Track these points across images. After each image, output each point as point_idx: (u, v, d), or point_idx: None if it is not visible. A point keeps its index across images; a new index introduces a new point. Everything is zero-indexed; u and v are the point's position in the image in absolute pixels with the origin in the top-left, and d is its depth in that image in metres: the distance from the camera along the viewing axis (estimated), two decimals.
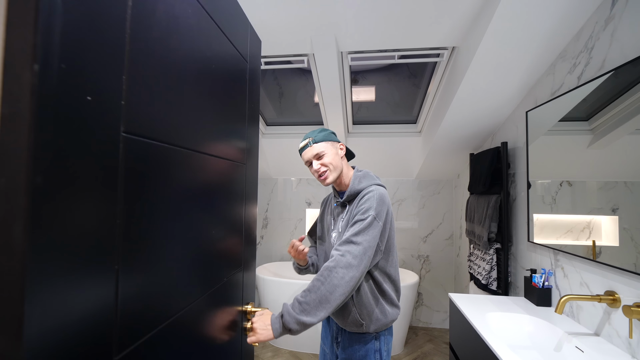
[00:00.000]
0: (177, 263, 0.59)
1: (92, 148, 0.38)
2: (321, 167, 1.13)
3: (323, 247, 1.25)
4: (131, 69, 0.45)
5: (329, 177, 1.13)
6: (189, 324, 0.64)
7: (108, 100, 0.41)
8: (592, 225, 1.25)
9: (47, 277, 0.33)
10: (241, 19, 0.90)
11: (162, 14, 0.52)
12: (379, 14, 1.51)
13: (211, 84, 0.71)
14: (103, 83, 0.40)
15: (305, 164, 1.18)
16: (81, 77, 0.36)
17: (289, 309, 0.94)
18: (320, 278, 0.95)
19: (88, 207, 0.38)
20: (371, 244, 1.01)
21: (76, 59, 0.36)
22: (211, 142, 0.71)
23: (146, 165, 0.49)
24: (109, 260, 0.41)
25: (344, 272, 0.95)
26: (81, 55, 0.36)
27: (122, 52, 0.43)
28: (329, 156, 1.13)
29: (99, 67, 0.39)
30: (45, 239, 0.32)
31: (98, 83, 0.39)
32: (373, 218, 1.03)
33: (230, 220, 0.83)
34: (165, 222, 0.54)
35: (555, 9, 1.27)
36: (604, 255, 1.18)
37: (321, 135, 1.15)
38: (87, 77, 0.37)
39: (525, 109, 1.77)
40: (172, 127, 0.56)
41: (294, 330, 0.92)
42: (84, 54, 0.37)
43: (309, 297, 0.93)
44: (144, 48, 0.48)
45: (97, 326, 0.40)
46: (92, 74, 0.38)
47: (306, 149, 1.15)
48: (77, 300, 0.36)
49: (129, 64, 0.44)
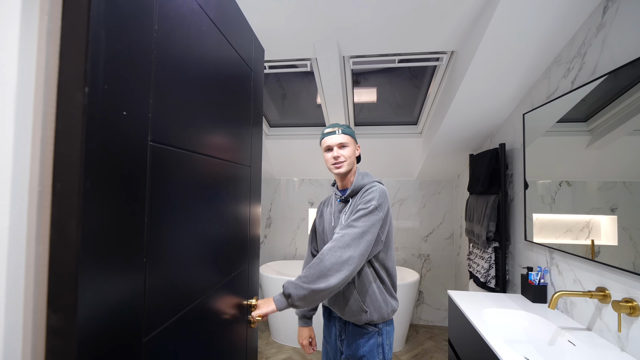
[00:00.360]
0: (192, 258, 0.65)
1: (128, 156, 0.44)
2: (341, 155, 1.18)
3: (321, 245, 1.30)
4: (156, 86, 0.51)
5: (343, 167, 1.19)
6: (203, 313, 0.70)
7: (139, 114, 0.47)
8: (592, 224, 1.27)
9: (94, 267, 0.39)
10: (247, 30, 0.96)
11: (180, 35, 0.58)
12: (380, 20, 1.56)
13: (220, 93, 0.77)
14: (135, 99, 0.46)
15: (325, 149, 1.22)
16: (119, 96, 0.43)
17: (289, 280, 1.02)
18: (320, 256, 1.02)
19: (124, 206, 0.44)
20: (371, 229, 1.06)
21: (115, 80, 0.42)
22: (220, 146, 0.77)
23: (167, 169, 0.55)
24: (140, 253, 0.47)
25: (342, 251, 1.00)
26: (118, 77, 0.42)
27: (149, 72, 0.49)
28: (349, 150, 1.20)
29: (132, 86, 0.45)
30: (93, 234, 0.38)
31: (131, 100, 0.45)
32: (375, 207, 1.09)
33: (237, 220, 0.89)
34: (182, 220, 0.61)
35: (550, 15, 1.32)
36: (603, 254, 1.20)
37: (348, 130, 1.23)
38: (123, 95, 0.43)
39: (522, 111, 1.81)
40: (188, 134, 0.62)
41: (294, 296, 0.97)
42: (120, 76, 0.43)
43: (309, 272, 0.99)
44: (165, 67, 0.54)
45: (130, 310, 0.46)
46: (126, 92, 0.44)
47: (332, 135, 1.20)
48: (115, 286, 0.43)
49: (154, 82, 0.50)
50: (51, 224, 0.37)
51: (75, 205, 0.37)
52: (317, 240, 1.37)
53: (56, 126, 0.38)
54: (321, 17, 1.56)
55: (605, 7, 1.21)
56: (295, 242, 3.38)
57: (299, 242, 3.38)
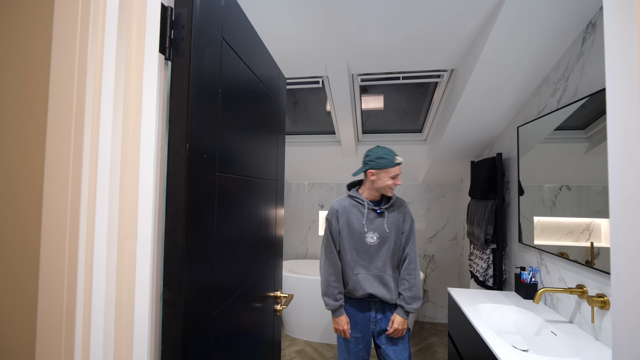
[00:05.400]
0: (242, 256, 0.85)
1: (207, 185, 0.64)
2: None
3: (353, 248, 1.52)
4: (220, 136, 0.71)
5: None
6: (247, 298, 0.90)
7: (211, 155, 0.67)
8: (592, 227, 1.35)
9: (192, 262, 0.59)
10: (277, 72, 1.16)
11: (234, 96, 0.78)
12: (386, 43, 1.74)
13: (257, 128, 0.97)
14: (209, 147, 0.66)
15: (393, 175, 1.47)
16: (202, 146, 0.62)
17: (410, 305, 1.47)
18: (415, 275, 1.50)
19: (206, 219, 0.64)
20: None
21: (200, 137, 0.62)
22: (256, 168, 0.97)
23: (226, 190, 0.75)
24: (212, 252, 0.67)
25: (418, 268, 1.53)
26: (202, 135, 0.62)
27: (217, 128, 0.69)
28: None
29: (208, 139, 0.65)
30: (191, 240, 0.58)
31: (208, 147, 0.65)
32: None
33: (267, 225, 1.09)
34: (234, 226, 0.80)
35: (539, 39, 1.48)
36: (602, 256, 1.28)
37: None
38: (204, 145, 0.63)
39: (517, 124, 1.97)
40: (237, 163, 0.82)
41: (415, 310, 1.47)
42: (203, 134, 0.63)
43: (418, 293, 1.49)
44: (225, 117, 0.74)
45: (208, 291, 0.66)
46: (205, 143, 0.64)
47: (400, 166, 1.49)
48: (201, 275, 0.62)
49: (219, 134, 0.70)
50: (165, 233, 0.57)
51: (181, 221, 0.57)
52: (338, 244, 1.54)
53: (168, 169, 0.58)
54: (333, 42, 1.75)
55: (584, 39, 1.37)
56: (307, 242, 3.58)
57: (310, 243, 3.57)
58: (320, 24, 1.59)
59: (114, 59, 0.47)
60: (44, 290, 0.44)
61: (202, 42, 0.63)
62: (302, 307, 2.81)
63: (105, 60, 0.46)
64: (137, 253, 0.50)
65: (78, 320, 0.45)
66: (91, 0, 0.46)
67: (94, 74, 0.45)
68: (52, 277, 0.43)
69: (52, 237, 0.43)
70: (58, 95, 0.44)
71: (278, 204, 1.22)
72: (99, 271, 0.45)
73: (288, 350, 2.67)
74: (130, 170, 0.50)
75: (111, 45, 0.47)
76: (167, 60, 0.59)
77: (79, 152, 0.43)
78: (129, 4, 0.51)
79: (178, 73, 0.58)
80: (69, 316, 0.45)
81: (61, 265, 0.42)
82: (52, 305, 0.45)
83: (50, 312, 0.45)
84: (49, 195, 0.44)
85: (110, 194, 0.46)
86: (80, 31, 0.45)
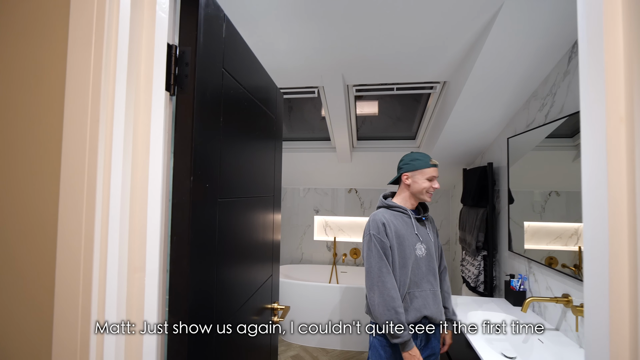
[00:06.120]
0: (241, 275, 0.88)
1: (210, 210, 0.67)
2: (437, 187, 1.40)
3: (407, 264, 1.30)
4: (221, 160, 0.74)
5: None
6: (245, 314, 0.93)
7: (213, 184, 0.70)
8: (580, 231, 1.38)
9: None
10: (275, 92, 1.19)
11: (235, 124, 0.81)
12: (380, 57, 1.78)
13: (256, 148, 1.00)
14: (212, 177, 0.69)
15: (428, 177, 1.37)
16: (205, 175, 0.66)
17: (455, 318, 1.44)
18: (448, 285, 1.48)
19: (208, 244, 0.67)
20: None
21: (203, 169, 0.65)
22: (255, 188, 1.00)
23: (226, 212, 0.78)
24: (213, 276, 0.70)
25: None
26: (205, 167, 0.65)
27: (218, 161, 0.72)
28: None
29: (210, 170, 0.68)
30: (195, 266, 0.61)
31: (209, 174, 0.68)
32: None
33: (266, 241, 1.12)
34: (235, 250, 0.84)
35: (527, 56, 1.53)
36: None
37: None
38: (206, 173, 0.66)
39: (507, 135, 2.03)
40: (237, 187, 0.85)
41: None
42: (206, 167, 0.66)
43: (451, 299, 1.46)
44: (225, 145, 0.77)
45: (208, 312, 0.69)
46: (208, 174, 0.67)
47: (436, 167, 1.39)
48: (203, 298, 0.66)
49: (221, 158, 0.73)
50: (170, 261, 0.60)
51: (186, 250, 0.60)
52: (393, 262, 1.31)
53: (173, 200, 0.61)
54: (328, 55, 1.79)
55: (570, 57, 1.42)
56: (302, 247, 3.61)
57: (305, 247, 3.61)
58: (316, 38, 1.63)
59: (124, 102, 0.50)
60: (59, 323, 0.47)
61: (205, 76, 0.66)
62: (297, 312, 2.84)
63: (116, 103, 0.49)
64: (145, 285, 0.53)
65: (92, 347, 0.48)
66: (103, 44, 0.49)
67: (105, 117, 0.47)
68: (66, 315, 0.46)
69: (66, 274, 0.46)
70: (71, 138, 0.47)
71: (275, 220, 1.25)
72: (111, 303, 0.48)
73: (284, 355, 2.70)
74: (139, 206, 0.53)
75: (121, 89, 0.50)
76: (171, 96, 0.62)
77: (92, 194, 0.46)
78: (137, 45, 0.54)
79: (182, 109, 0.61)
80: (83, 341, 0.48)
81: (75, 301, 0.45)
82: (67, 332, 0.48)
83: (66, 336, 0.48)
84: (64, 232, 0.47)
85: (121, 231, 0.49)
86: (92, 77, 0.48)
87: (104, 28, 0.47)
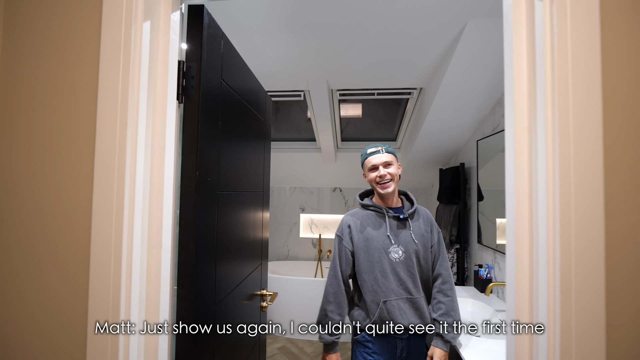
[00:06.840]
0: (236, 258, 1.00)
1: (211, 201, 0.79)
2: (387, 174, 1.22)
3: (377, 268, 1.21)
4: (220, 158, 0.86)
5: (390, 186, 1.22)
6: (239, 295, 1.05)
7: (214, 178, 0.82)
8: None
9: (199, 265, 0.74)
10: (265, 97, 1.31)
11: (231, 126, 0.93)
12: (362, 65, 1.93)
13: (248, 148, 1.12)
14: (212, 171, 0.81)
15: (370, 168, 1.26)
16: (207, 170, 0.78)
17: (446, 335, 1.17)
18: (452, 297, 1.22)
19: (210, 228, 0.79)
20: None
21: (205, 165, 0.77)
22: (248, 184, 1.13)
23: (224, 204, 0.90)
24: (213, 256, 0.82)
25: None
26: (207, 163, 0.77)
27: (217, 158, 0.84)
28: (394, 168, 1.25)
29: (210, 162, 0.80)
30: (200, 248, 0.73)
31: (210, 170, 0.80)
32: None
33: (255, 230, 1.24)
34: (231, 236, 0.96)
35: (492, 66, 1.71)
36: None
37: (390, 149, 1.27)
38: (209, 171, 0.78)
39: (476, 138, 2.22)
40: (233, 181, 0.97)
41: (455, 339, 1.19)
42: (208, 162, 0.78)
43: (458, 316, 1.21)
44: (223, 145, 0.89)
45: (211, 288, 0.81)
46: (210, 169, 0.79)
47: (377, 154, 1.24)
48: (205, 274, 0.77)
49: (219, 156, 0.85)
50: (184, 243, 0.72)
51: (192, 233, 0.72)
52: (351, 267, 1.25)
53: (181, 191, 0.72)
54: (313, 62, 1.92)
55: None
56: (288, 244, 3.73)
57: (291, 245, 3.73)
58: (301, 47, 1.76)
59: (145, 110, 0.62)
60: (93, 294, 0.58)
61: (207, 87, 0.78)
62: (283, 305, 2.96)
63: (140, 111, 0.61)
64: (162, 259, 0.64)
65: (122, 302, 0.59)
66: (130, 62, 0.60)
67: (131, 123, 0.59)
68: (100, 283, 0.57)
69: (101, 249, 0.57)
70: (103, 141, 0.58)
71: (264, 210, 1.38)
72: (136, 270, 0.59)
73: (270, 347, 2.82)
74: (156, 195, 0.65)
75: (143, 98, 0.62)
76: (180, 104, 0.73)
77: (121, 184, 0.58)
78: (155, 62, 0.65)
79: (189, 115, 0.73)
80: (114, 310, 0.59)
81: (107, 272, 0.57)
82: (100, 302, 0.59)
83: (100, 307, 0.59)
84: (97, 225, 0.58)
85: (142, 215, 0.61)
86: (121, 89, 0.59)
87: (130, 49, 0.59)
